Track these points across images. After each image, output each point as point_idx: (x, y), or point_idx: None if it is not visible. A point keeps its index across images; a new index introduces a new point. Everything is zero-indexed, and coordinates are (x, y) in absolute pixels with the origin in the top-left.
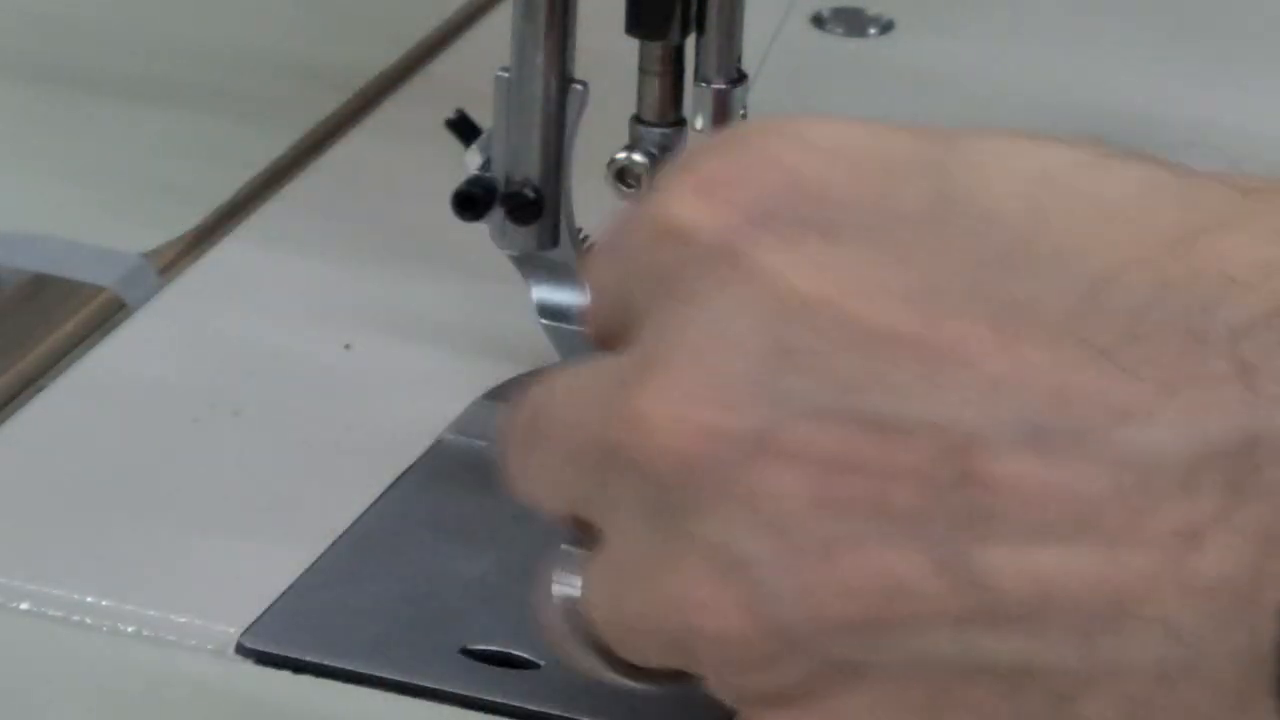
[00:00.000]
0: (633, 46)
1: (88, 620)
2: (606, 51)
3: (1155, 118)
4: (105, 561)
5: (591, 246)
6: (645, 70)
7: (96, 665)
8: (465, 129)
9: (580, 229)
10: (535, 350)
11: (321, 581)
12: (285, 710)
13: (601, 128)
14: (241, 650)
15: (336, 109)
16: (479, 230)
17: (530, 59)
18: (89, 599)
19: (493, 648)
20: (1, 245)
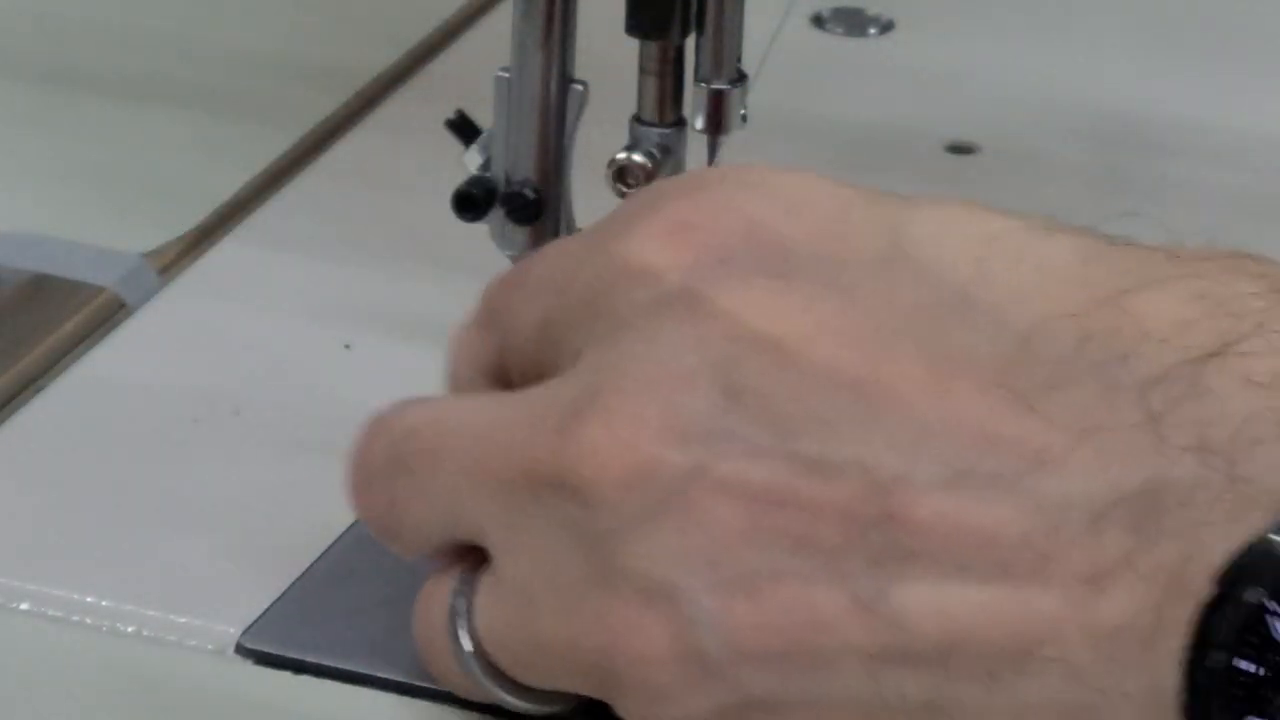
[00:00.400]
0: (633, 46)
1: (88, 620)
2: (606, 51)
3: (1155, 118)
4: (105, 561)
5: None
6: (645, 70)
7: (96, 665)
8: (465, 129)
9: (580, 229)
10: None
11: (321, 581)
12: (285, 710)
13: (601, 128)
14: (241, 650)
15: (336, 109)
16: (479, 230)
17: (530, 59)
18: (89, 599)
19: None
20: (1, 245)
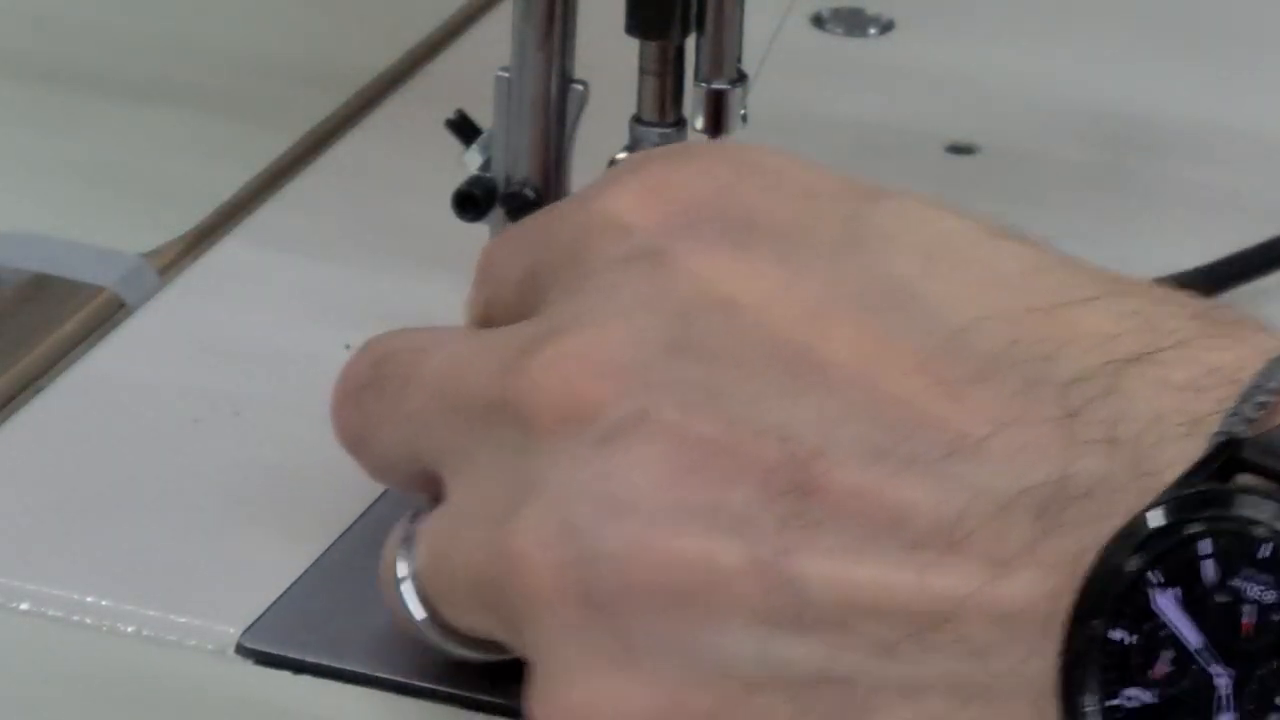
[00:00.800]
0: (632, 46)
1: (88, 620)
2: (606, 51)
3: (1155, 118)
4: (105, 561)
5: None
6: (645, 70)
7: (96, 665)
8: (465, 129)
9: None
10: None
11: (321, 581)
12: (285, 710)
13: (601, 128)
14: (241, 650)
15: (336, 109)
16: (479, 230)
17: (530, 59)
18: (89, 599)
19: None
20: (1, 245)
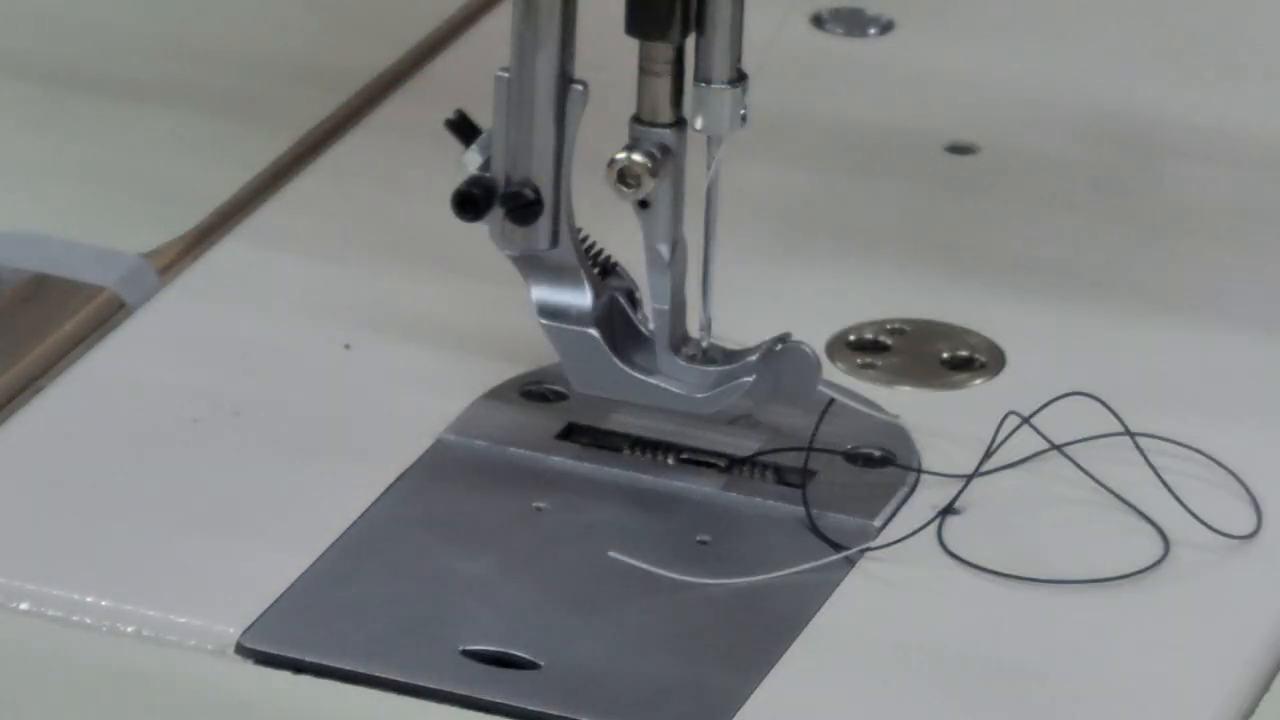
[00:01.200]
0: (632, 46)
1: (88, 620)
2: (606, 51)
3: (1155, 118)
4: (105, 561)
5: (591, 246)
6: (645, 70)
7: (96, 665)
8: (465, 129)
9: (580, 229)
10: (535, 350)
11: (321, 581)
12: (285, 710)
13: (601, 128)
14: (241, 650)
15: (336, 109)
16: (479, 230)
17: (530, 59)
18: (89, 599)
19: (492, 648)
20: (1, 245)
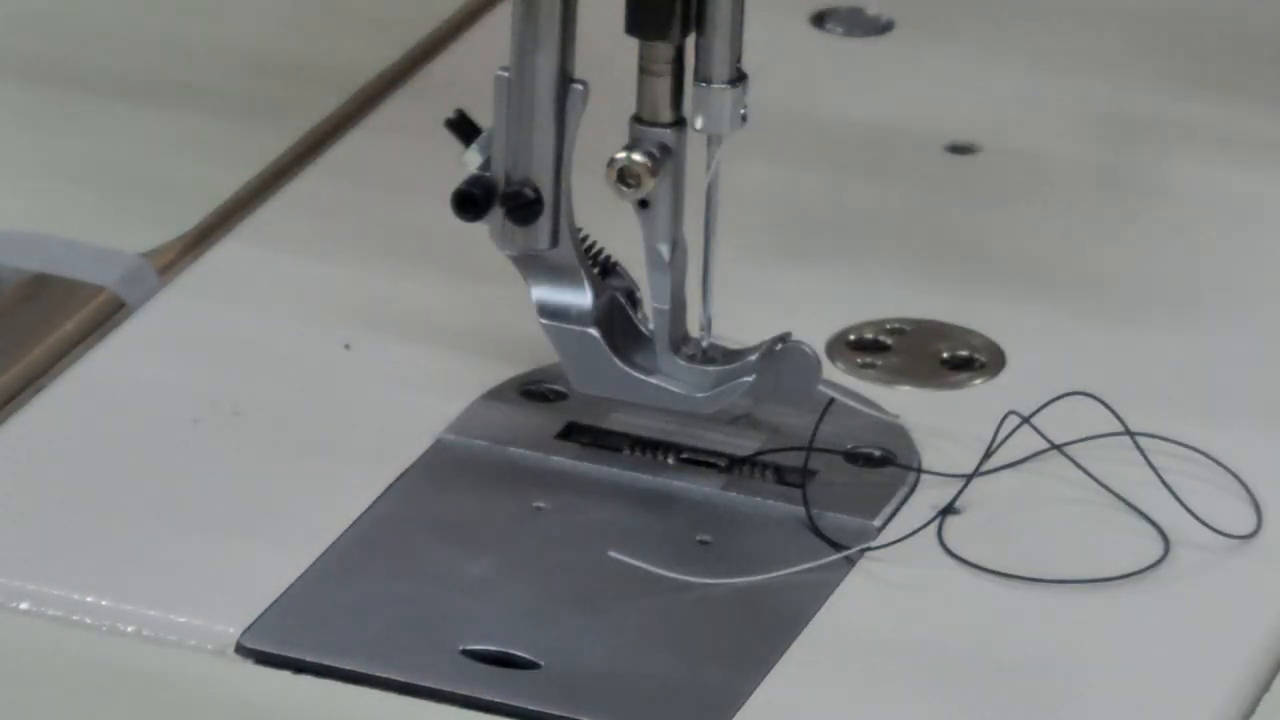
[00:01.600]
0: (633, 46)
1: (88, 620)
2: (607, 51)
3: (1155, 118)
4: (105, 561)
5: (591, 246)
6: (645, 70)
7: (96, 665)
8: (465, 129)
9: (580, 229)
10: (535, 350)
11: (321, 581)
12: (285, 710)
13: (601, 128)
14: (241, 650)
15: (336, 109)
16: (479, 230)
17: (530, 59)
18: (89, 599)
19: (492, 648)
20: (1, 245)
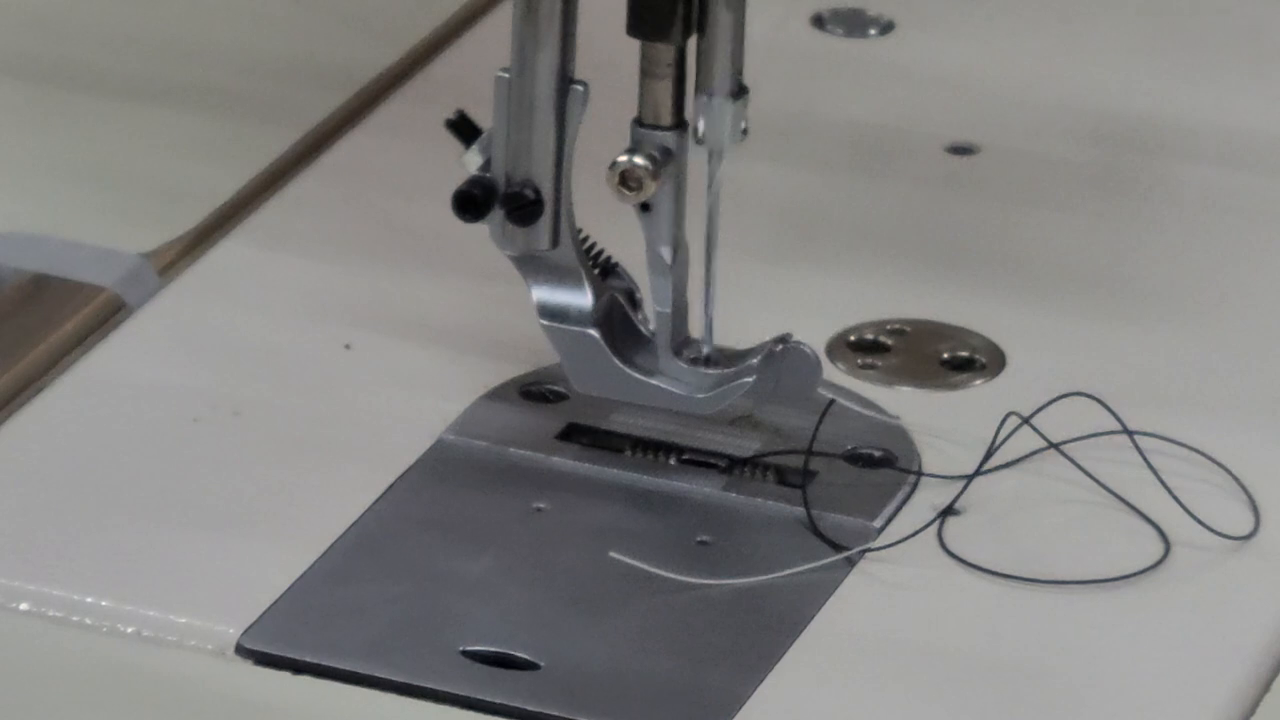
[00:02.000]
0: (633, 46)
1: (88, 620)
2: (607, 52)
3: (1155, 118)
4: (105, 561)
5: (591, 247)
6: (647, 72)
7: (96, 665)
8: (465, 129)
9: (580, 230)
10: (535, 350)
11: (321, 581)
12: (285, 710)
13: (602, 128)
14: (241, 650)
15: (336, 109)
16: (479, 230)
17: (530, 59)
18: (89, 599)
19: (492, 648)
20: (1, 245)
